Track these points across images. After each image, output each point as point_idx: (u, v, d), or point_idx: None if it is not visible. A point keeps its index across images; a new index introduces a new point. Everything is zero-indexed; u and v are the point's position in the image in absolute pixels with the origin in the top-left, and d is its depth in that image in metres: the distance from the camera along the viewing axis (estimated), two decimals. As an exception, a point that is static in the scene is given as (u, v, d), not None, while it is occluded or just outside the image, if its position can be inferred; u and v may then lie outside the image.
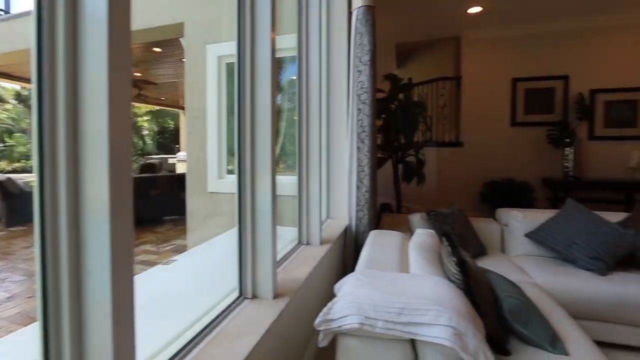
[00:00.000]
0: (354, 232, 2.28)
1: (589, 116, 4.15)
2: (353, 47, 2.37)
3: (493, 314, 1.26)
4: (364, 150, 2.36)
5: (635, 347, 1.67)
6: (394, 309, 1.03)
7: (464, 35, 4.63)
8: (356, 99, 2.38)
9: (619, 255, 1.87)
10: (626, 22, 4.07)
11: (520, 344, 1.21)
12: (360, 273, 1.33)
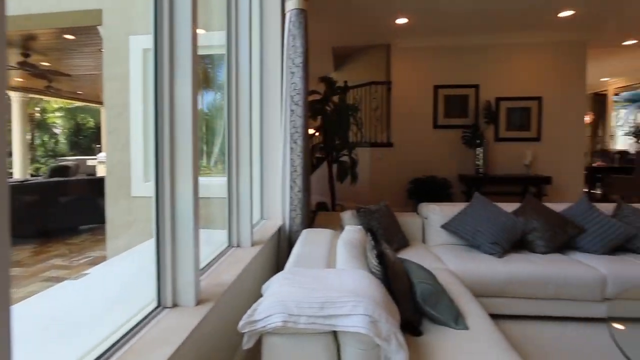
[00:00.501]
0: (288, 231, 2.30)
1: (495, 120, 4.78)
2: (286, 49, 2.38)
3: (408, 299, 1.38)
4: (296, 150, 2.39)
5: (521, 315, 1.99)
6: (317, 304, 1.07)
7: (394, 43, 4.97)
8: (289, 100, 2.40)
9: (513, 240, 2.20)
10: (524, 41, 4.78)
11: (431, 325, 1.35)
12: (288, 272, 1.36)
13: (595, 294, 1.89)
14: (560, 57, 4.78)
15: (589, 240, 2.19)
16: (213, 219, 2.25)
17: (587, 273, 1.91)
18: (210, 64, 2.94)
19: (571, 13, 3.94)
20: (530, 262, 2.00)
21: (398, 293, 1.35)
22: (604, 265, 1.97)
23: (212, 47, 2.49)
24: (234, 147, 1.92)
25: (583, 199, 2.41)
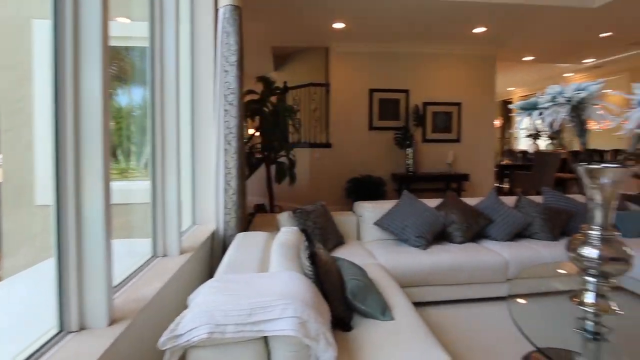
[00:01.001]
0: (222, 236, 2.21)
1: (422, 123, 5.21)
2: (220, 46, 2.28)
3: (340, 297, 1.43)
4: (231, 152, 2.31)
5: (442, 301, 2.21)
6: (245, 311, 1.04)
7: (332, 47, 5.10)
8: (223, 99, 2.31)
9: (436, 232, 2.42)
10: (447, 52, 5.28)
11: (361, 319, 1.41)
12: (216, 279, 1.30)
13: (500, 276, 2.18)
14: (475, 68, 5.39)
15: (496, 229, 2.51)
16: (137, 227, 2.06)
17: (494, 258, 2.19)
18: (139, 56, 2.68)
19: (483, 30, 4.47)
20: (450, 252, 2.23)
21: (330, 291, 1.38)
22: (506, 251, 2.28)
23: (135, 38, 2.28)
24: (159, 147, 1.78)
25: (492, 193, 2.75)
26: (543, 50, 5.63)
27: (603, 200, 1.40)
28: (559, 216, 2.58)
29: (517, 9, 3.74)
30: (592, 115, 1.43)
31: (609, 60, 6.32)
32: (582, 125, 1.46)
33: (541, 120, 1.54)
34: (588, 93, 1.38)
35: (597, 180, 1.39)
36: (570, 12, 3.85)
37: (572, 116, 1.48)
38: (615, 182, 1.37)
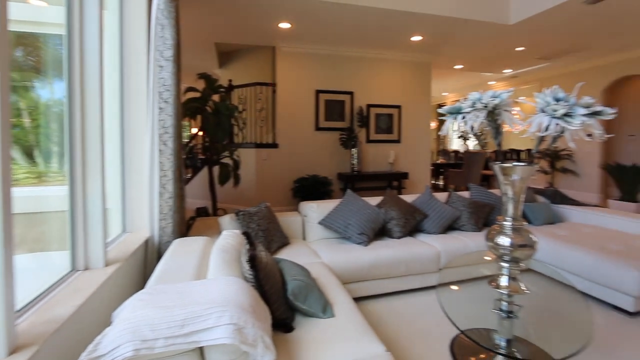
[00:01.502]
0: (157, 243, 2.06)
1: (366, 124, 5.42)
2: (154, 39, 2.11)
3: (281, 298, 1.42)
4: (166, 153, 2.16)
5: (382, 294, 2.33)
6: (177, 322, 0.98)
7: (279, 46, 5.05)
8: (157, 96, 2.14)
9: (377, 229, 2.54)
10: (389, 57, 5.55)
11: (303, 318, 1.42)
12: (145, 292, 1.21)
13: (433, 267, 2.36)
14: (413, 74, 5.76)
15: (430, 223, 2.71)
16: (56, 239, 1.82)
17: (428, 250, 2.37)
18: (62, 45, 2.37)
19: (420, 38, 4.80)
20: (389, 247, 2.35)
21: (271, 294, 1.37)
22: (439, 243, 2.48)
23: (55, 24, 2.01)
24: (79, 147, 1.60)
25: (426, 190, 2.96)
26: (470, 60, 6.21)
27: (514, 194, 1.59)
28: (483, 209, 2.88)
29: (447, 20, 4.08)
30: (505, 119, 1.62)
31: (523, 71, 7.21)
32: (497, 128, 1.65)
33: (464, 123, 1.69)
34: (501, 100, 1.55)
35: (509, 176, 1.57)
36: (491, 27, 4.31)
37: (489, 120, 1.65)
38: (523, 178, 1.57)
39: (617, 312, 2.12)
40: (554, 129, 1.40)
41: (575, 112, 1.36)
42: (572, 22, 4.22)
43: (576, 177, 6.62)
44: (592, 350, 1.73)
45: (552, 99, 1.40)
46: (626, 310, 2.08)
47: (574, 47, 5.38)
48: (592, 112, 1.40)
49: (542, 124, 1.41)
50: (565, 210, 3.19)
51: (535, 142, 1.61)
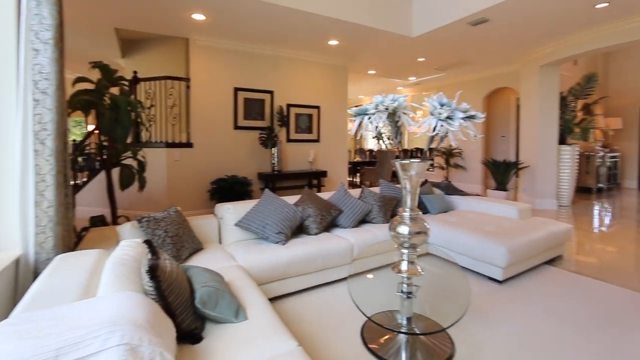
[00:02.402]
0: (33, 262, 1.72)
1: (286, 124, 5.44)
2: (26, 16, 1.73)
3: (189, 308, 1.33)
4: (44, 153, 1.82)
5: (299, 290, 2.37)
6: (49, 353, 0.83)
7: (193, 39, 4.69)
8: (32, 86, 1.78)
9: (294, 227, 2.57)
10: (308, 59, 5.65)
11: (214, 326, 1.35)
12: (9, 322, 0.99)
13: (347, 259, 2.50)
14: (331, 76, 5.99)
15: (345, 218, 2.86)
16: None
17: (342, 244, 2.49)
18: None
19: (337, 43, 5.01)
20: (306, 244, 2.40)
21: (176, 305, 1.26)
22: (352, 236, 2.64)
23: None
24: None
25: (341, 187, 3.12)
26: (382, 67, 6.76)
27: (411, 188, 1.78)
28: (390, 202, 3.16)
29: (360, 28, 4.36)
30: (403, 120, 1.79)
31: (425, 79, 8.15)
32: (397, 128, 1.82)
33: (370, 123, 1.82)
34: (399, 103, 1.72)
35: (407, 172, 1.75)
36: (397, 38, 4.76)
37: (390, 121, 1.81)
38: (419, 173, 1.76)
39: (491, 282, 2.57)
40: (440, 130, 1.61)
41: (456, 116, 1.58)
42: (460, 40, 4.93)
43: (465, 171, 7.80)
44: (472, 314, 2.06)
45: (438, 104, 1.60)
46: (497, 280, 2.53)
47: (461, 61, 6.31)
48: (468, 115, 1.65)
49: (431, 125, 1.61)
50: (456, 199, 3.72)
51: (427, 141, 1.83)
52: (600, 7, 3.76)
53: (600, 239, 3.85)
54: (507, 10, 3.83)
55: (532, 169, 5.67)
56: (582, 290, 2.42)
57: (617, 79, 7.90)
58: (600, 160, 6.94)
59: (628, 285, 2.53)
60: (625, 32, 4.25)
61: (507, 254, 2.40)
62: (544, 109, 5.53)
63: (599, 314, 2.10)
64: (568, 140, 5.79)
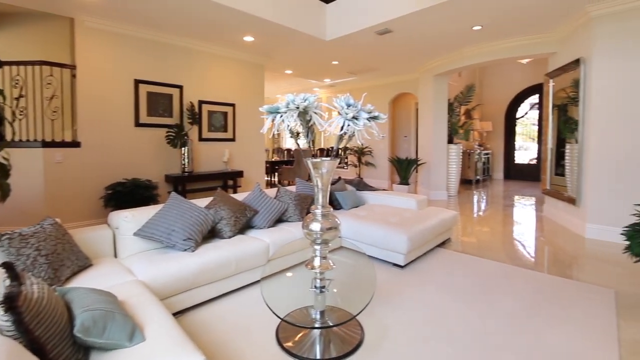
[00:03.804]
0: None
1: (197, 122, 5.06)
2: None
3: (66, 340, 1.11)
4: None
5: (211, 299, 2.22)
6: None
7: (79, 19, 3.97)
8: None
9: (205, 231, 2.40)
10: (223, 54, 5.34)
11: (103, 355, 1.16)
12: None
13: (263, 260, 2.45)
14: (247, 73, 5.80)
15: (261, 218, 2.81)
16: None
17: (257, 245, 2.43)
18: None
19: (252, 39, 4.86)
20: (219, 248, 2.27)
21: (47, 339, 1.04)
22: (268, 236, 2.60)
23: None
24: None
25: (256, 187, 3.04)
26: (298, 67, 6.84)
27: (322, 185, 1.83)
28: (306, 200, 3.22)
29: (275, 27, 4.31)
30: (314, 120, 1.83)
31: (339, 82, 8.56)
32: (308, 127, 1.85)
33: (282, 121, 1.81)
34: (309, 102, 1.74)
35: (318, 170, 1.79)
36: (312, 40, 4.87)
37: (302, 120, 1.83)
38: (329, 171, 1.82)
39: (396, 267, 2.84)
40: (347, 129, 1.69)
41: (361, 116, 1.68)
42: (369, 47, 5.31)
43: (375, 168, 8.49)
44: (380, 300, 2.24)
45: (345, 104, 1.68)
46: (400, 265, 2.82)
47: (371, 67, 6.82)
48: (372, 116, 1.77)
49: (339, 124, 1.67)
50: (366, 195, 4.01)
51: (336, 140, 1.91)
52: (476, 29, 4.49)
53: (478, 222, 4.62)
54: (406, 24, 4.27)
55: (428, 165, 6.48)
56: (466, 266, 2.86)
57: (489, 89, 9.60)
58: (478, 156, 8.34)
59: (498, 259, 3.09)
60: (495, 51, 5.19)
61: (408, 241, 2.68)
62: (437, 113, 6.37)
63: (478, 285, 2.51)
64: (454, 140, 6.79)
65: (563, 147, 4.51)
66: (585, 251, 3.35)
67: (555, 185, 4.70)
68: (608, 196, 3.69)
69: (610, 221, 3.64)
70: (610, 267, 2.91)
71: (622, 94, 3.61)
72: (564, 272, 2.80)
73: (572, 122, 4.18)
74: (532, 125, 9.25)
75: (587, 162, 3.88)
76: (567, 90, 4.37)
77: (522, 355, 1.68)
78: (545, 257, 3.25)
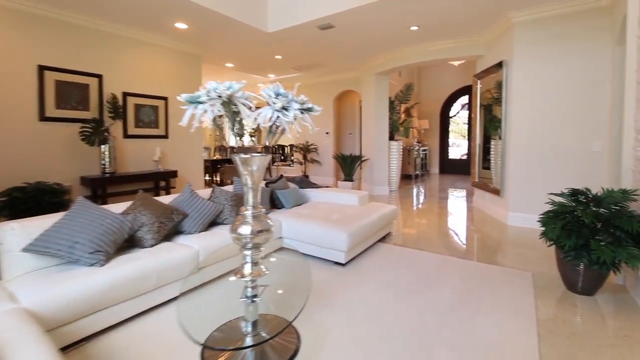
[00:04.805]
0: None
1: (121, 116, 4.50)
2: None
3: None
4: None
5: (126, 319, 1.91)
6: None
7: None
8: None
9: (120, 241, 2.08)
10: (152, 42, 4.79)
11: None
12: None
13: (191, 268, 2.20)
14: (182, 65, 5.30)
15: (191, 222, 2.54)
16: None
17: (185, 253, 2.17)
18: None
19: (185, 27, 4.43)
20: (137, 259, 1.97)
21: None
22: (198, 241, 2.35)
23: None
24: None
25: (187, 188, 2.75)
26: (240, 61, 6.49)
27: (253, 184, 1.66)
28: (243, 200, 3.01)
29: (212, 14, 3.97)
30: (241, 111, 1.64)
31: (284, 78, 8.36)
32: (235, 120, 1.66)
33: (204, 112, 1.59)
34: (233, 90, 1.56)
35: (248, 167, 1.62)
36: (253, 31, 4.60)
37: (227, 111, 1.64)
38: (260, 168, 1.65)
39: (337, 266, 2.79)
40: (276, 120, 1.54)
41: (291, 107, 1.54)
42: (312, 42, 5.20)
43: (321, 166, 8.49)
44: (320, 302, 2.15)
45: (274, 94, 1.53)
46: (341, 263, 2.77)
47: (315, 63, 6.74)
48: (306, 108, 1.65)
49: (267, 116, 1.52)
50: (310, 192, 3.91)
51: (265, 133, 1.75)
52: (413, 29, 4.64)
53: (417, 215, 4.82)
54: (347, 20, 4.24)
55: (371, 161, 6.63)
56: (405, 260, 2.92)
57: (426, 90, 10.19)
58: (417, 153, 8.79)
59: (434, 250, 3.21)
60: (431, 52, 5.44)
61: (348, 239, 2.64)
62: (378, 110, 6.53)
63: (416, 278, 2.55)
64: (395, 137, 7.05)
65: (489, 144, 4.90)
66: (508, 238, 3.65)
67: (482, 178, 5.10)
68: (527, 187, 4.08)
69: (529, 209, 4.03)
70: (528, 251, 3.19)
71: (537, 95, 4.01)
72: (491, 259, 3.00)
73: (496, 120, 4.54)
74: (463, 124, 10.05)
75: (509, 157, 4.24)
76: (492, 91, 4.74)
77: (457, 349, 1.71)
78: (475, 245, 3.47)
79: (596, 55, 3.68)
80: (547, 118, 3.96)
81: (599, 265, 2.06)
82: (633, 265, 1.93)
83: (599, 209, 2.18)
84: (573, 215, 2.23)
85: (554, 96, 3.93)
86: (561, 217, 2.25)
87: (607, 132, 3.67)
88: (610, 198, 2.13)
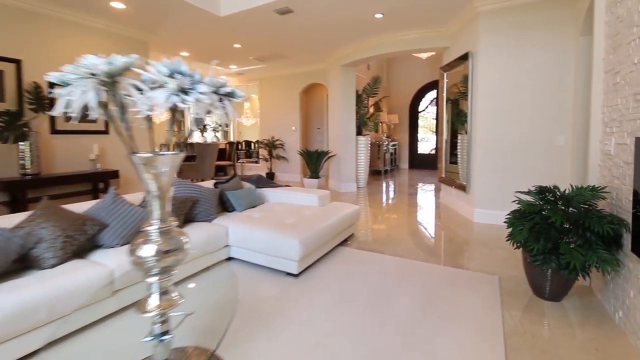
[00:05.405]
0: None
1: (48, 108, 3.90)
2: None
3: None
4: None
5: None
6: None
7: None
8: None
9: (5, 262, 1.64)
10: (84, 23, 4.18)
11: None
12: None
13: (105, 292, 1.80)
14: (124, 51, 4.68)
15: (111, 234, 2.11)
16: None
17: (93, 273, 1.76)
18: None
19: (123, 7, 3.89)
20: (22, 287, 1.54)
21: None
22: (117, 258, 1.93)
23: None
24: None
25: (110, 192, 2.32)
26: (195, 49, 5.95)
27: (159, 190, 1.29)
28: (184, 205, 2.62)
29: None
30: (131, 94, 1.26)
31: (247, 70, 7.86)
32: (122, 107, 1.28)
33: (78, 96, 1.21)
34: (114, 66, 1.18)
35: (153, 169, 1.25)
36: (203, 14, 4.13)
37: (113, 95, 1.26)
38: (170, 170, 1.30)
39: (289, 277, 2.47)
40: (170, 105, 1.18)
41: (195, 89, 1.19)
42: (271, 29, 4.79)
43: (287, 162, 8.11)
44: (262, 321, 1.83)
45: (167, 70, 1.17)
46: (293, 274, 2.45)
47: (277, 54, 6.32)
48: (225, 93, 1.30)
49: (160, 100, 1.16)
50: (267, 192, 3.56)
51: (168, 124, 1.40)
52: (378, 17, 4.37)
53: (383, 213, 4.61)
54: (307, 3, 3.89)
55: (338, 157, 6.36)
56: (366, 266, 2.65)
57: (395, 84, 10.05)
58: (386, 148, 8.65)
59: (397, 253, 2.98)
60: (396, 42, 5.21)
61: (300, 246, 2.32)
62: (345, 104, 6.25)
63: (376, 289, 2.29)
64: (363, 131, 6.81)
65: (456, 138, 4.76)
66: (473, 236, 3.50)
67: (449, 173, 4.97)
68: (493, 183, 3.96)
69: (495, 205, 3.92)
70: (494, 250, 3.04)
71: (502, 87, 3.88)
72: (456, 262, 2.81)
73: (463, 114, 4.40)
74: (432, 119, 10.04)
75: (475, 152, 4.11)
76: (458, 85, 4.59)
77: (415, 375, 1.45)
78: (440, 246, 3.27)
79: (560, 47, 3.59)
80: (513, 111, 3.85)
81: (569, 271, 1.89)
82: (604, 269, 1.76)
83: (567, 208, 2.01)
84: (541, 215, 2.05)
85: (518, 89, 3.81)
86: (529, 218, 2.07)
87: (570, 125, 3.60)
88: (580, 196, 1.96)
